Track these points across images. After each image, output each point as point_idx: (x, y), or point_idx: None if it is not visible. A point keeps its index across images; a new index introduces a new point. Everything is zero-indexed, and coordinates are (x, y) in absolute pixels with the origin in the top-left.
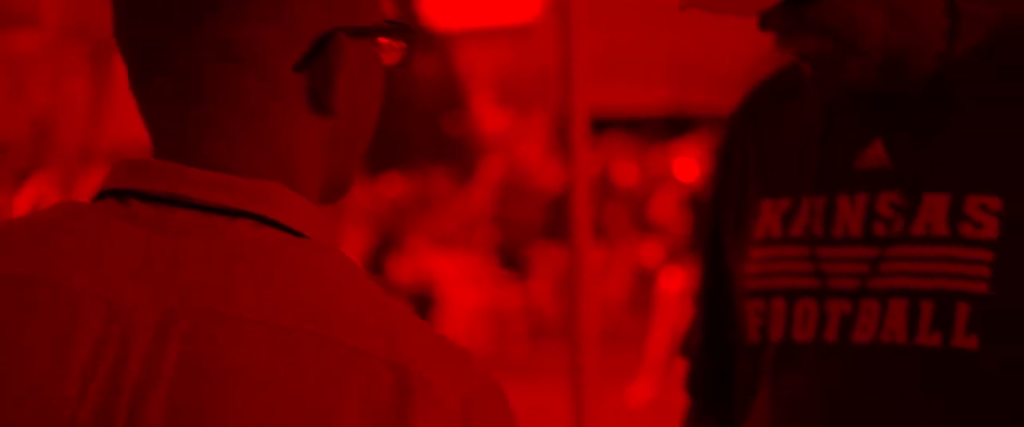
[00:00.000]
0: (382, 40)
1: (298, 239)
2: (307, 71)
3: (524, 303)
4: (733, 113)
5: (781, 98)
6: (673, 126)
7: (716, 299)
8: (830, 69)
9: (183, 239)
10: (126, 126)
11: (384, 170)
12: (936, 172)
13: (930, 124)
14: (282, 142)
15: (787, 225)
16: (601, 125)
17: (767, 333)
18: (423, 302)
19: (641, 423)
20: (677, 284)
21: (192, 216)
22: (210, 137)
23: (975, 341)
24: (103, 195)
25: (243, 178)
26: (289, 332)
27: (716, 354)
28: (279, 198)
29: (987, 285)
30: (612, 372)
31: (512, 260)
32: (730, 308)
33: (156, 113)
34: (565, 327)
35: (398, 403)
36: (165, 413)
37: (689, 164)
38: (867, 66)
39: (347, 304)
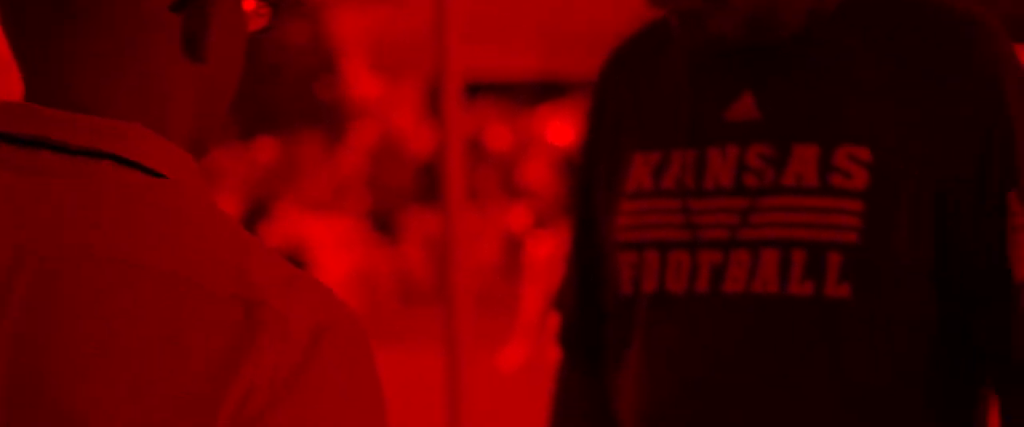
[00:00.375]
0: (249, 1)
1: (157, 180)
2: (184, 13)
3: (396, 267)
4: (603, 67)
5: (651, 52)
6: (545, 91)
7: (588, 253)
8: (699, 24)
9: (43, 180)
10: None
11: (256, 135)
12: (806, 123)
13: (799, 76)
14: (153, 83)
15: (658, 178)
16: (473, 89)
17: (640, 285)
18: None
19: (515, 387)
20: (546, 249)
21: (54, 157)
22: (81, 74)
23: (847, 290)
24: None
25: (105, 119)
26: (140, 269)
27: (588, 307)
28: (140, 139)
29: (858, 235)
30: (486, 337)
31: (384, 224)
32: (602, 262)
33: (28, 48)
34: (438, 291)
35: (245, 337)
36: (10, 347)
37: (563, 128)
38: (735, 21)
39: (201, 242)
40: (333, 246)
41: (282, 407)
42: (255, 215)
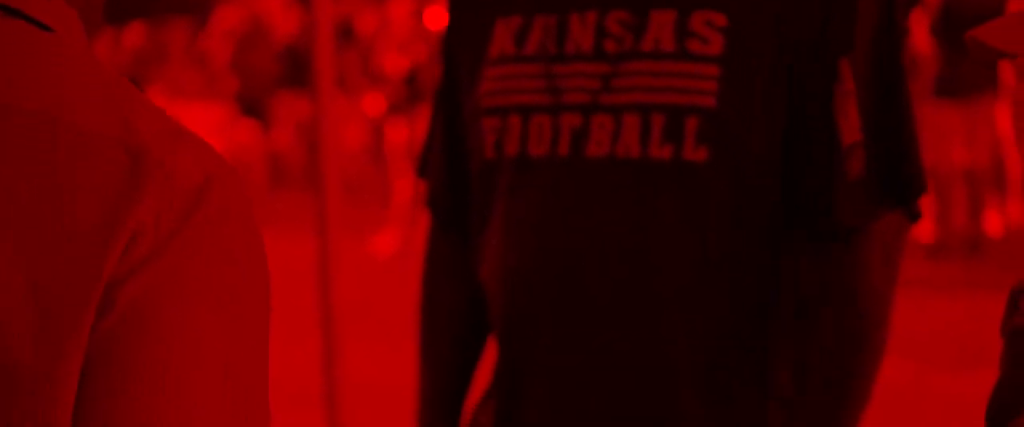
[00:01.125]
0: None
1: (44, 31)
2: None
3: (266, 151)
4: None
5: None
6: None
7: (453, 120)
8: None
9: None
10: None
11: (125, 21)
12: None
13: None
14: None
15: (521, 43)
16: None
17: (502, 149)
18: None
19: (386, 273)
20: (404, 135)
21: None
22: None
23: (705, 153)
24: None
25: None
26: (27, 114)
27: (454, 173)
28: None
29: (715, 99)
30: (358, 223)
31: (253, 109)
32: (466, 129)
33: None
34: (308, 177)
35: (131, 185)
36: None
37: (440, 12)
38: None
39: (87, 92)
40: (202, 132)
41: (166, 255)
42: None
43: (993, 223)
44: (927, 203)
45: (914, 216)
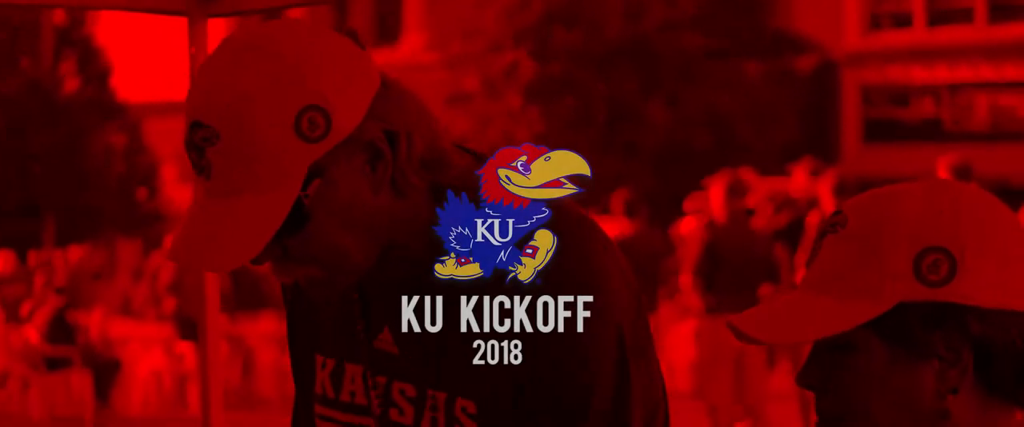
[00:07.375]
0: None
1: None
2: None
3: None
4: None
5: None
6: None
7: None
8: (323, 288)
9: None
10: None
11: (76, 240)
12: (436, 369)
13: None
14: None
15: (337, 386)
16: None
17: None
18: (109, 368)
19: None
20: None
21: None
22: None
23: None
24: None
25: None
26: None
27: None
28: None
29: None
30: None
31: (192, 330)
32: None
33: None
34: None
35: None
36: None
37: None
38: (357, 275)
39: None
40: (145, 349)
41: None
42: (71, 317)
43: None
44: None
45: None
